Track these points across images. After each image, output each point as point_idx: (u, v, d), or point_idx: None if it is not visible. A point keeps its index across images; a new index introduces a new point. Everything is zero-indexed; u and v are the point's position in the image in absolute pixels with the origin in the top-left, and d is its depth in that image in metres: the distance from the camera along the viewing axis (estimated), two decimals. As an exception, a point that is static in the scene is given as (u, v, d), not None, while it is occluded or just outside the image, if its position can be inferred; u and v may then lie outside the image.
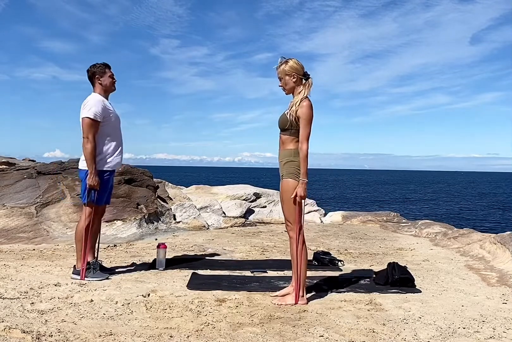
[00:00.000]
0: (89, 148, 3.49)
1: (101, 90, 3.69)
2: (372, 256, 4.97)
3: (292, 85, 3.06)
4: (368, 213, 9.00)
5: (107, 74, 3.71)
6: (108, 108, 3.63)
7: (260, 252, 5.04)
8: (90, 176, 3.50)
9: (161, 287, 3.37)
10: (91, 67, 3.70)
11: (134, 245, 5.33)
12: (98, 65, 3.70)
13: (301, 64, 3.05)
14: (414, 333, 2.53)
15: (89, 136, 3.50)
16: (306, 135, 2.97)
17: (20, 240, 5.25)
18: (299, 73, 3.04)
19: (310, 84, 3.05)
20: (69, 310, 2.76)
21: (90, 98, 3.62)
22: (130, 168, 7.08)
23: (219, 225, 7.38)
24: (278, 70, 3.07)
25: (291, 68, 3.03)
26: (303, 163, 2.96)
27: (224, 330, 2.49)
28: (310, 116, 2.97)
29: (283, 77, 3.06)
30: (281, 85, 3.10)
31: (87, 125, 3.51)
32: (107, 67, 3.72)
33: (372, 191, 45.64)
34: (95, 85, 3.70)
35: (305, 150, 2.95)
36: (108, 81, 3.71)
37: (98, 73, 3.68)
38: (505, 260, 4.35)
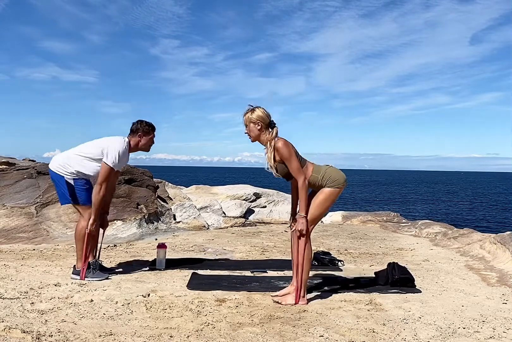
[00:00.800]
0: (100, 196, 3.50)
1: (134, 146, 3.70)
2: (372, 256, 4.97)
3: (257, 133, 3.06)
4: (368, 213, 9.01)
5: (150, 136, 3.72)
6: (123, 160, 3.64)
7: (260, 252, 5.04)
8: (93, 223, 3.53)
9: (161, 287, 3.37)
10: (138, 123, 3.68)
11: (134, 245, 5.33)
12: (145, 124, 3.69)
13: (267, 113, 3.06)
14: (414, 333, 2.53)
15: (104, 184, 3.50)
16: (296, 169, 2.96)
17: (20, 240, 5.25)
18: (264, 122, 3.04)
19: (275, 133, 3.04)
20: (69, 310, 2.76)
21: (120, 144, 3.58)
22: (130, 169, 7.08)
23: (219, 225, 7.38)
24: (245, 117, 3.08)
25: (258, 117, 3.03)
26: (303, 196, 2.96)
27: (224, 330, 2.49)
28: (290, 152, 2.96)
29: (248, 125, 3.08)
30: (247, 132, 3.11)
31: (106, 172, 3.51)
32: (153, 130, 3.73)
33: (372, 191, 45.65)
34: (133, 139, 3.69)
35: (302, 182, 2.95)
36: (147, 143, 3.73)
37: (142, 132, 3.68)
38: (505, 260, 4.35)
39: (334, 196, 3.05)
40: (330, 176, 3.03)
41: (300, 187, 2.95)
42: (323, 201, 3.03)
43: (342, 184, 3.06)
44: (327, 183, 3.03)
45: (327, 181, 3.02)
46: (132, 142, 3.69)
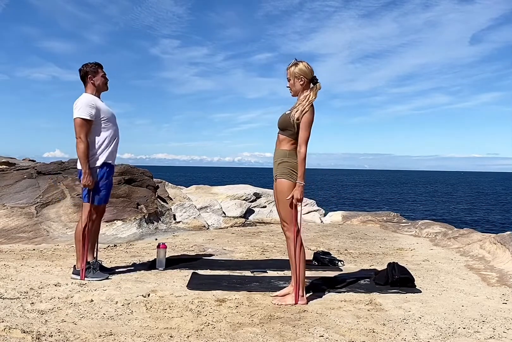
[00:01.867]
0: (81, 148, 3.49)
1: (93, 90, 3.68)
2: (372, 256, 4.97)
3: (299, 88, 3.07)
4: (368, 213, 9.01)
5: (100, 74, 3.70)
6: (99, 107, 3.61)
7: (260, 252, 5.04)
8: (84, 176, 3.51)
9: (161, 287, 3.37)
10: (83, 67, 3.68)
11: (134, 245, 5.33)
12: (90, 64, 3.68)
13: (310, 68, 3.06)
14: (414, 333, 2.53)
15: (81, 136, 3.49)
16: (305, 138, 2.96)
17: (20, 240, 5.25)
18: (307, 77, 3.04)
19: (317, 88, 3.06)
20: (69, 310, 2.76)
21: (81, 99, 3.60)
22: (130, 169, 7.08)
23: (219, 225, 7.38)
24: (288, 71, 3.08)
25: (300, 70, 3.03)
26: (301, 166, 2.96)
27: (224, 330, 2.49)
28: (311, 120, 2.97)
29: (291, 79, 3.08)
30: (289, 87, 3.12)
31: (78, 125, 3.51)
32: (99, 67, 3.71)
33: (372, 191, 45.65)
34: (87, 85, 3.69)
35: (303, 153, 2.95)
36: (100, 81, 3.70)
37: (91, 73, 3.66)
38: (505, 260, 4.35)
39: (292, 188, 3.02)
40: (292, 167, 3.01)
41: (301, 156, 2.94)
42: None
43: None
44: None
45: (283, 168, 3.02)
46: (89, 90, 3.67)
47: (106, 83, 3.75)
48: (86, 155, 3.51)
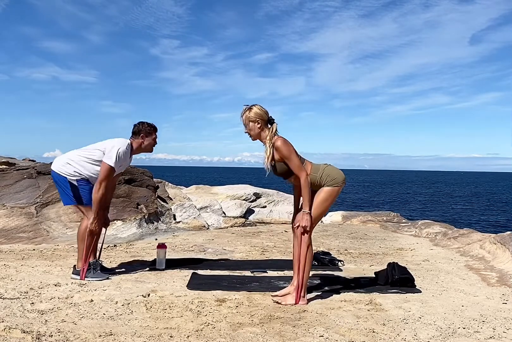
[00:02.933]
0: (100, 195, 3.50)
1: (137, 147, 3.71)
2: (372, 256, 4.97)
3: (257, 131, 3.06)
4: (368, 213, 9.01)
5: (152, 137, 3.73)
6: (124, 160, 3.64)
7: (260, 252, 5.04)
8: (93, 221, 3.53)
9: (161, 287, 3.37)
10: (140, 125, 3.70)
11: (134, 245, 5.33)
12: (147, 125, 3.70)
13: (265, 110, 3.06)
14: (414, 333, 2.53)
15: (104, 183, 3.51)
16: (297, 166, 2.96)
17: (20, 240, 5.25)
18: (263, 119, 3.04)
19: (274, 129, 3.04)
20: (69, 310, 2.76)
21: (123, 146, 3.59)
22: (130, 169, 7.08)
23: (219, 225, 7.38)
24: (243, 117, 3.08)
25: (256, 114, 3.03)
26: (306, 193, 2.95)
27: (224, 330, 2.49)
28: (289, 150, 2.96)
29: (248, 124, 3.07)
30: (247, 132, 3.10)
31: (106, 171, 3.52)
32: (154, 130, 3.74)
33: (372, 191, 45.65)
34: (135, 140, 3.70)
35: (304, 179, 2.95)
36: (150, 144, 3.74)
37: (145, 133, 3.69)
38: (505, 260, 4.35)
39: (333, 195, 3.06)
40: (328, 174, 3.03)
41: (303, 183, 2.95)
42: (323, 200, 3.03)
43: (341, 183, 3.07)
44: (326, 182, 3.03)
45: (325, 179, 3.03)
46: (134, 144, 3.71)
47: (153, 146, 3.79)
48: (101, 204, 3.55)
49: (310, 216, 2.98)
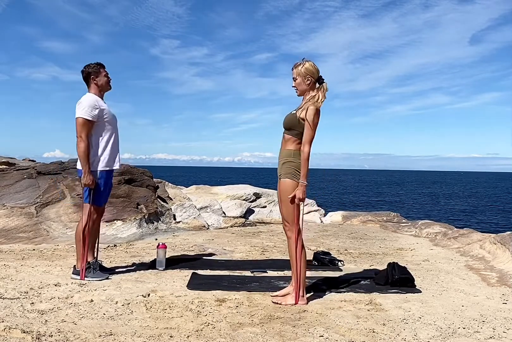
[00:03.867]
0: (82, 147, 3.50)
1: (96, 90, 3.69)
2: (372, 256, 4.97)
3: (305, 88, 3.05)
4: (368, 213, 9.00)
5: (102, 74, 3.71)
6: (102, 108, 3.62)
7: (260, 252, 5.04)
8: (84, 175, 3.51)
9: (161, 287, 3.37)
10: (85, 68, 3.69)
11: (134, 245, 5.33)
12: (92, 65, 3.69)
13: (317, 68, 3.05)
14: (414, 333, 2.53)
15: (82, 135, 3.50)
16: (309, 138, 2.95)
17: (20, 240, 5.25)
18: (313, 76, 3.03)
19: (324, 89, 3.05)
20: (69, 310, 2.76)
21: (84, 98, 3.61)
22: (130, 168, 7.08)
23: (219, 225, 7.38)
24: (294, 70, 3.07)
25: (307, 70, 3.02)
26: (304, 166, 2.95)
27: (224, 330, 2.49)
28: (316, 121, 2.96)
29: (297, 78, 3.06)
30: (294, 86, 3.10)
31: (80, 125, 3.52)
32: (101, 67, 3.72)
33: (372, 191, 45.64)
34: (90, 86, 3.70)
35: (307, 152, 2.94)
36: (103, 80, 3.71)
37: (93, 73, 3.68)
38: (505, 260, 4.35)
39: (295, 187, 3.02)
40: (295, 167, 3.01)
41: (305, 156, 2.93)
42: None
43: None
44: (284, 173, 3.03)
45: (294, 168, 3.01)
46: (92, 90, 3.69)
47: (109, 82, 3.77)
48: (87, 155, 3.52)
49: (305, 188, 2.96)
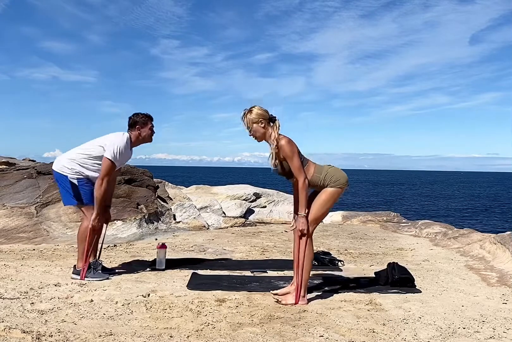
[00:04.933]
0: (102, 190, 3.50)
1: (136, 139, 3.70)
2: (372, 256, 4.97)
3: (262, 131, 3.04)
4: (368, 213, 9.00)
5: (148, 126, 3.72)
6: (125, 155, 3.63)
7: (260, 252, 5.04)
8: (96, 217, 3.53)
9: (161, 287, 3.37)
10: (134, 117, 3.70)
11: (134, 245, 5.33)
12: (141, 115, 3.70)
13: (265, 109, 3.06)
14: (414, 333, 2.53)
15: (105, 179, 3.51)
16: (297, 168, 2.96)
17: (20, 240, 5.25)
18: (265, 118, 3.04)
19: (277, 126, 3.04)
20: (69, 310, 2.76)
21: (122, 140, 3.58)
22: (130, 168, 7.08)
23: (219, 225, 7.38)
24: (244, 121, 3.06)
25: (257, 115, 3.02)
26: (302, 196, 2.96)
27: (224, 330, 2.49)
28: (292, 151, 2.96)
29: (251, 126, 3.05)
30: (252, 135, 3.08)
31: (108, 166, 3.52)
32: (149, 119, 3.73)
33: (372, 191, 45.64)
34: (133, 133, 3.70)
35: (302, 182, 2.95)
36: (147, 133, 3.72)
37: (140, 124, 3.68)
38: (505, 260, 4.35)
39: (336, 196, 3.06)
40: (332, 176, 3.03)
41: (300, 186, 2.95)
42: (326, 201, 3.03)
43: (344, 184, 3.07)
44: (329, 183, 3.03)
45: (329, 180, 3.03)
46: (132, 136, 3.70)
47: (152, 135, 3.77)
48: (104, 199, 3.55)
49: (307, 219, 2.98)
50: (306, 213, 2.98)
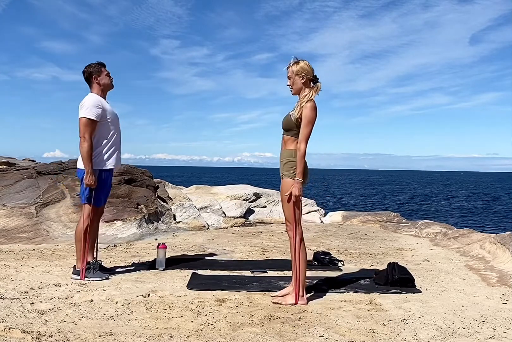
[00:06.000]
0: (85, 147, 3.49)
1: (98, 90, 3.69)
2: (372, 256, 4.97)
3: (300, 86, 3.06)
4: (368, 213, 9.00)
5: (104, 73, 3.71)
6: (105, 108, 3.62)
7: (260, 252, 5.04)
8: (87, 175, 3.51)
9: (161, 287, 3.37)
10: (86, 68, 3.69)
11: (134, 245, 5.33)
12: (93, 65, 3.69)
13: (311, 67, 3.06)
14: (414, 333, 2.53)
15: (86, 135, 3.50)
16: (305, 136, 2.96)
17: (20, 240, 5.25)
18: (308, 75, 3.04)
19: (318, 88, 3.05)
20: (69, 310, 2.76)
21: (87, 99, 3.61)
22: (130, 169, 7.08)
23: (219, 225, 7.38)
24: (289, 69, 3.08)
25: (302, 68, 3.03)
26: (300, 163, 2.96)
27: (224, 330, 2.49)
28: (312, 117, 2.97)
29: (292, 77, 3.07)
30: (289, 85, 3.10)
31: (83, 125, 3.52)
32: (102, 66, 3.72)
33: (372, 191, 45.64)
34: (92, 86, 3.70)
35: (303, 150, 2.95)
36: (105, 79, 3.71)
37: (95, 73, 3.67)
38: (505, 260, 4.35)
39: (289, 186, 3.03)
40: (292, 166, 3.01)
41: (300, 153, 2.94)
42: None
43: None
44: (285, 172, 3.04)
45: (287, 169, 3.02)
46: (95, 90, 3.69)
47: (111, 81, 3.76)
48: (90, 155, 3.52)
49: (301, 185, 2.97)
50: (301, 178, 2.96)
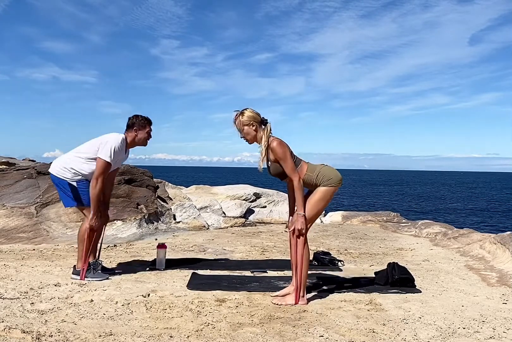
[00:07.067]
0: (97, 190, 3.49)
1: (131, 140, 3.69)
2: (372, 256, 4.97)
3: (253, 134, 3.06)
4: (368, 213, 9.00)
5: (146, 130, 3.71)
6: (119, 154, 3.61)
7: (260, 252, 5.04)
8: (93, 217, 3.52)
9: (161, 287, 3.37)
10: (134, 117, 3.69)
11: (134, 245, 5.33)
12: (141, 118, 3.69)
13: (256, 112, 3.06)
14: (414, 333, 2.53)
15: (99, 178, 3.50)
16: (291, 169, 2.97)
17: (20, 240, 5.25)
18: (256, 121, 3.05)
19: (268, 129, 3.05)
20: (69, 310, 2.76)
21: (115, 139, 3.57)
22: (130, 169, 7.08)
23: (219, 225, 7.38)
24: (235, 123, 3.08)
25: (248, 117, 3.03)
26: (299, 196, 2.96)
27: (224, 330, 2.49)
28: (284, 152, 2.96)
29: (243, 128, 3.06)
30: (243, 137, 3.10)
31: (101, 166, 3.51)
32: (148, 123, 3.72)
33: (372, 191, 45.64)
34: (129, 133, 3.68)
35: (297, 182, 2.95)
36: (143, 136, 3.71)
37: (138, 126, 3.67)
38: (505, 260, 4.35)
39: (329, 195, 3.06)
40: (324, 174, 3.04)
41: (296, 186, 2.96)
42: (319, 200, 3.04)
43: (337, 183, 3.07)
44: (321, 182, 3.04)
45: (321, 179, 3.03)
46: (128, 138, 3.69)
47: (147, 140, 3.76)
48: (99, 199, 3.54)
49: (305, 218, 2.99)
50: (304, 212, 2.98)
